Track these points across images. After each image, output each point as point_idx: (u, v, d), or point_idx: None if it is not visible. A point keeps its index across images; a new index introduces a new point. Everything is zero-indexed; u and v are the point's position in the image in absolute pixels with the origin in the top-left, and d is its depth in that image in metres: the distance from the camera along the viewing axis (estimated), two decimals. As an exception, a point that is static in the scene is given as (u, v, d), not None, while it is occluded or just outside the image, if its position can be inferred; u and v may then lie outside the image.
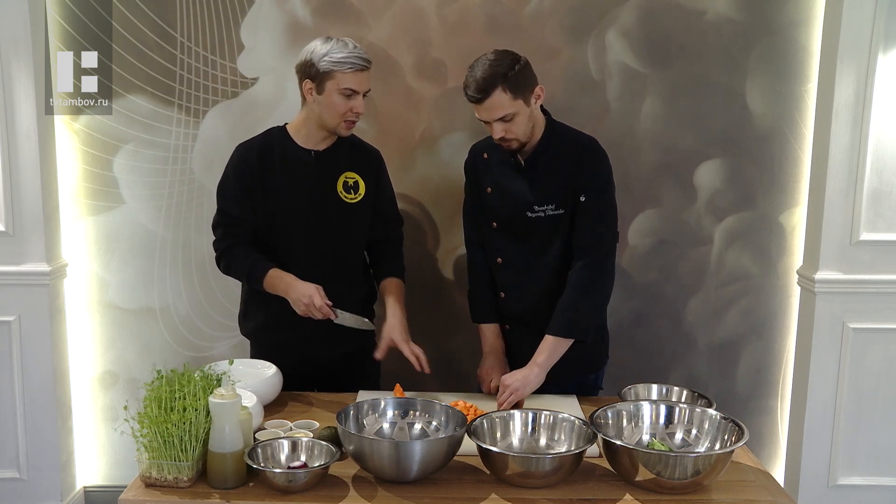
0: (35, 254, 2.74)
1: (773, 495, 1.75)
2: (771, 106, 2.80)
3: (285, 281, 2.18)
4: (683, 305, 2.92)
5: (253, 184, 2.24)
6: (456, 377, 2.86)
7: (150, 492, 1.72)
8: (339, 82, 2.14)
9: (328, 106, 2.17)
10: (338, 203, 2.27)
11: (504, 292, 2.31)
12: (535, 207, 2.18)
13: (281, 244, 2.27)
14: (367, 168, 2.33)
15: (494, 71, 2.03)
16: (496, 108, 2.05)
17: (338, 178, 2.28)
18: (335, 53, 2.13)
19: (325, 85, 2.15)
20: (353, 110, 2.17)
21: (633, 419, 1.91)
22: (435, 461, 1.73)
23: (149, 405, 1.74)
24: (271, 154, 2.25)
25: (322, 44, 2.16)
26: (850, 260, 2.74)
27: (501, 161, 2.24)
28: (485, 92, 2.03)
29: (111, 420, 2.98)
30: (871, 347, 2.78)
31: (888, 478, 2.85)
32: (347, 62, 2.12)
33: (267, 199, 2.24)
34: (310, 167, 2.25)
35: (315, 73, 2.15)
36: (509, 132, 2.09)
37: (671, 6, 2.74)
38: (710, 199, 2.86)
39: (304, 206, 2.25)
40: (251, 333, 2.41)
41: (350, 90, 2.14)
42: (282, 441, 1.81)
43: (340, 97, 2.15)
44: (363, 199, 2.31)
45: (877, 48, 2.62)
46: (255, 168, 2.24)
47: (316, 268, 2.24)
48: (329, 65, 2.13)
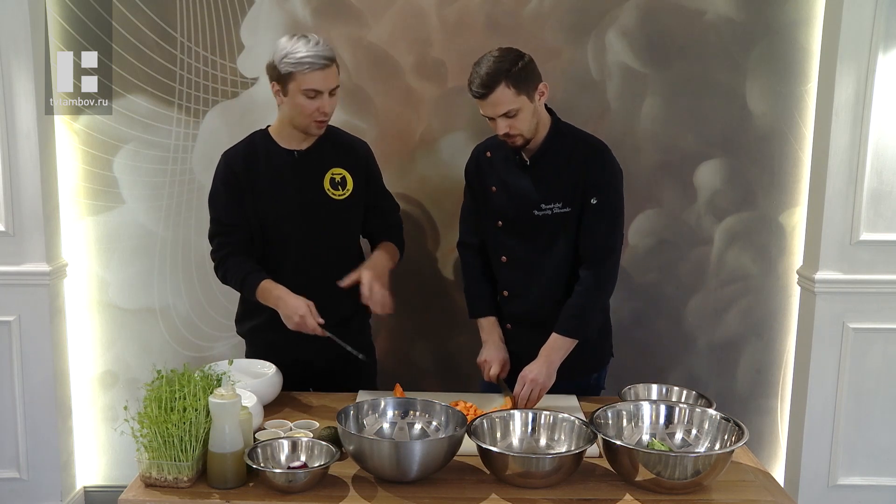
0: (35, 254, 2.74)
1: (773, 495, 1.75)
2: (771, 106, 2.80)
3: (275, 294, 2.16)
4: (683, 305, 2.92)
5: (241, 190, 2.22)
6: (456, 377, 2.87)
7: (150, 492, 1.72)
8: (301, 83, 2.08)
9: (294, 107, 2.13)
10: (326, 201, 2.25)
11: (508, 291, 2.30)
12: (542, 206, 2.18)
13: (275, 247, 2.26)
14: (354, 162, 2.30)
15: (498, 67, 2.04)
16: (500, 103, 2.06)
17: (324, 176, 2.25)
18: (294, 54, 2.07)
19: (289, 86, 2.11)
20: (320, 110, 2.12)
21: (633, 419, 1.91)
22: (435, 461, 1.73)
23: (149, 405, 1.74)
24: (255, 158, 2.23)
25: (286, 42, 2.10)
26: (850, 260, 2.74)
27: (506, 159, 2.24)
28: (489, 87, 2.04)
29: (111, 420, 2.98)
30: (871, 347, 2.78)
31: (888, 478, 2.85)
32: (306, 62, 2.06)
33: (256, 203, 2.23)
34: (293, 168, 2.23)
35: (278, 76, 2.11)
36: (513, 128, 2.09)
37: (671, 6, 2.74)
38: (710, 199, 2.86)
39: (293, 208, 2.23)
40: (247, 334, 2.41)
41: (313, 90, 2.09)
42: (282, 441, 1.81)
43: (304, 98, 2.10)
44: (352, 193, 2.27)
45: (877, 48, 2.62)
46: (241, 173, 2.22)
47: (311, 268, 2.24)
48: (288, 66, 2.07)
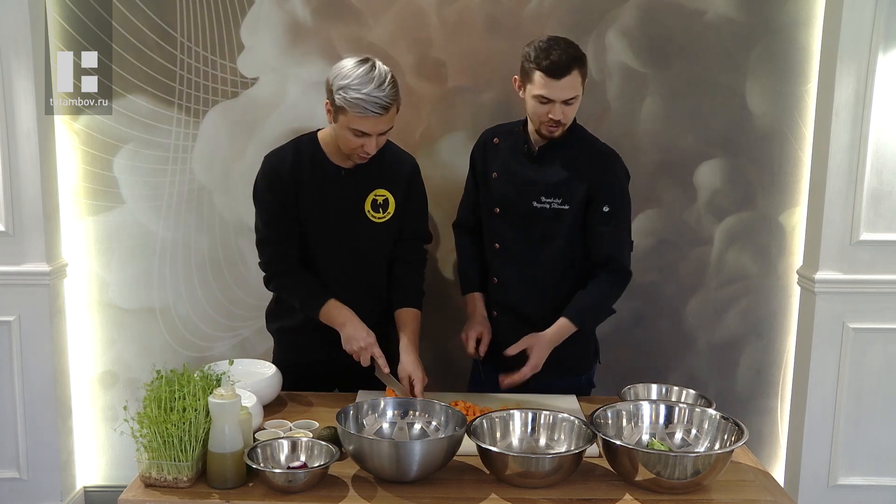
0: (35, 254, 2.74)
1: (773, 495, 1.75)
2: (771, 106, 2.80)
3: (341, 320, 2.15)
4: (683, 305, 2.92)
5: (287, 197, 2.16)
6: (456, 377, 2.86)
7: (150, 492, 1.72)
8: (350, 121, 1.99)
9: (340, 136, 2.06)
10: (366, 223, 2.19)
11: (497, 278, 2.33)
12: (543, 198, 2.20)
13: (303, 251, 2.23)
14: (398, 181, 2.22)
15: (576, 53, 2.10)
16: (569, 87, 2.08)
17: (366, 197, 2.18)
18: (353, 90, 1.95)
19: (339, 117, 2.02)
20: (364, 148, 2.04)
21: (632, 419, 1.91)
22: (435, 461, 1.73)
23: (149, 405, 1.74)
24: (302, 167, 2.16)
25: (350, 68, 1.98)
26: (850, 260, 2.74)
27: (514, 148, 2.26)
28: (568, 69, 2.06)
29: (111, 420, 2.98)
30: (871, 347, 2.78)
31: (888, 478, 2.85)
32: (359, 106, 1.95)
33: (299, 210, 2.18)
34: (338, 185, 2.17)
35: (332, 100, 2.01)
36: (566, 115, 2.12)
37: (671, 6, 2.74)
38: (710, 199, 2.86)
39: (332, 224, 2.18)
40: (276, 332, 2.39)
41: (360, 132, 2.01)
42: (281, 441, 1.81)
43: (351, 134, 2.02)
44: (392, 217, 2.22)
45: (877, 48, 2.62)
46: (288, 179, 2.14)
47: (338, 281, 2.22)
48: (342, 101, 1.97)
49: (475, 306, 2.36)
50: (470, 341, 2.30)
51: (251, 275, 2.88)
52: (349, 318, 2.15)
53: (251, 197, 2.22)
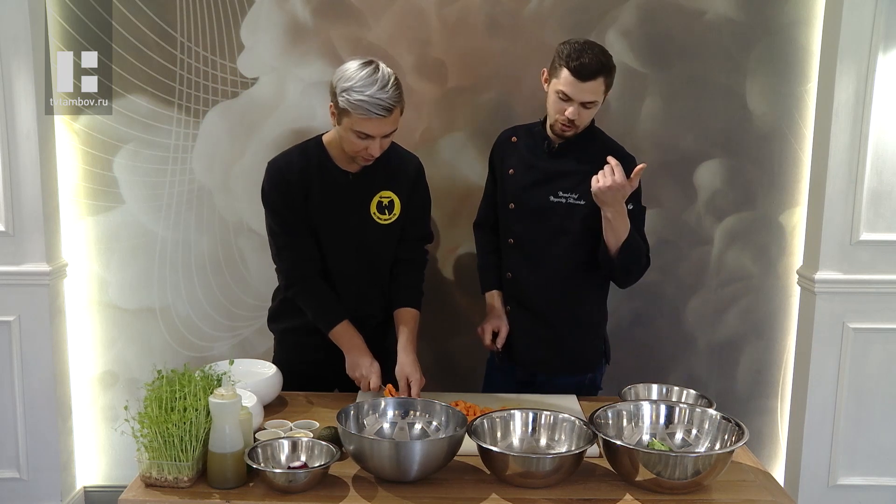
0: (35, 254, 2.74)
1: (773, 495, 1.75)
2: (771, 106, 2.80)
3: (352, 343, 2.19)
4: (683, 305, 2.93)
5: (297, 201, 2.16)
6: (456, 377, 2.87)
7: (150, 492, 1.72)
8: (353, 124, 1.99)
9: (344, 139, 2.06)
10: (372, 225, 2.21)
11: (511, 273, 2.36)
12: (560, 192, 2.23)
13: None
14: (403, 182, 2.23)
15: (606, 62, 2.12)
16: (591, 91, 2.11)
17: (372, 199, 2.20)
18: (356, 93, 1.95)
19: (343, 119, 2.02)
20: (368, 150, 2.04)
21: (633, 419, 1.91)
22: (435, 461, 1.73)
23: (149, 405, 1.74)
24: (309, 171, 2.16)
25: (354, 70, 1.98)
26: (850, 260, 2.74)
27: (533, 145, 2.30)
28: (594, 75, 2.09)
29: (111, 420, 2.98)
30: (871, 347, 2.78)
31: (888, 478, 2.85)
32: (363, 108, 1.95)
33: (308, 214, 2.18)
34: (345, 190, 2.17)
35: (335, 101, 2.02)
36: (581, 118, 2.15)
37: (671, 6, 2.74)
38: (710, 199, 2.86)
39: (338, 226, 2.20)
40: (278, 332, 2.40)
41: (364, 134, 2.01)
42: (282, 441, 1.81)
43: (354, 136, 2.01)
44: (398, 217, 2.23)
45: (877, 48, 2.62)
46: (296, 183, 2.15)
47: (346, 281, 2.24)
48: (346, 103, 1.97)
49: (494, 303, 2.41)
50: (487, 334, 2.36)
51: (251, 275, 2.88)
52: (356, 346, 2.19)
53: (251, 197, 2.22)
